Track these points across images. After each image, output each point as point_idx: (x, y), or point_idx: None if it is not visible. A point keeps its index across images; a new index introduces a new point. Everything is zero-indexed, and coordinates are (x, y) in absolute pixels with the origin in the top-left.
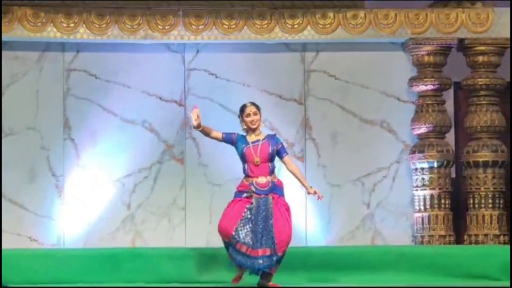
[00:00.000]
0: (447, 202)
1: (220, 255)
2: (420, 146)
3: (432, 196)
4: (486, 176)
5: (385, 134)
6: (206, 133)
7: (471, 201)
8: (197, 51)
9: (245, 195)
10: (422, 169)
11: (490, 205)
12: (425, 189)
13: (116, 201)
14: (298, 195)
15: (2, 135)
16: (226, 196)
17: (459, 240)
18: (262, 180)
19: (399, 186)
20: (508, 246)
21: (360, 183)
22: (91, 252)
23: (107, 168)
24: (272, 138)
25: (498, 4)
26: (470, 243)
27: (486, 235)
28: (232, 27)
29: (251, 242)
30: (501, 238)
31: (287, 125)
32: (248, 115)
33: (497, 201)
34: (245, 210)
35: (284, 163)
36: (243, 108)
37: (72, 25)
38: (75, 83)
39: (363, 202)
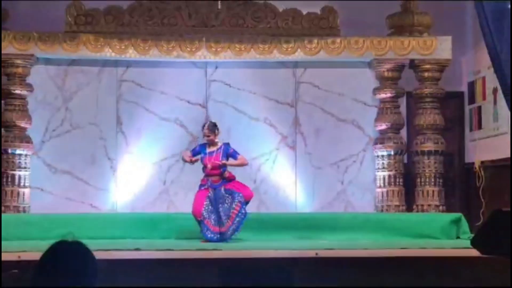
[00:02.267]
0: (400, 180)
1: None
2: (381, 139)
3: (389, 176)
4: (429, 161)
5: (355, 130)
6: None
7: (419, 180)
8: (216, 67)
9: (204, 187)
10: (382, 156)
11: (432, 183)
12: (385, 171)
13: (155, 178)
14: (290, 176)
15: (70, 128)
16: (236, 175)
17: (409, 209)
18: (215, 178)
19: (365, 169)
20: (446, 214)
21: (336, 166)
22: (136, 216)
23: (148, 154)
24: (225, 148)
25: (439, 34)
26: (417, 211)
27: (429, 205)
28: (242, 49)
29: (213, 221)
30: (440, 207)
31: (282, 122)
32: (204, 134)
33: (437, 180)
34: (206, 197)
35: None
36: (202, 126)
37: (123, 47)
38: (125, 90)
39: (338, 180)
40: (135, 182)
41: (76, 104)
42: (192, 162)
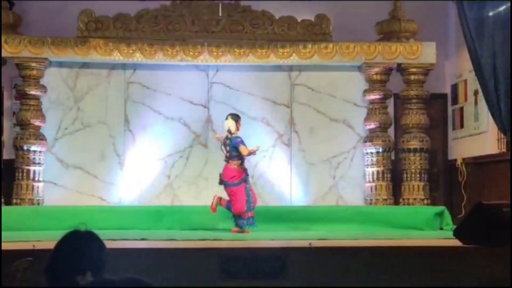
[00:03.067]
0: (388, 176)
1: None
2: (370, 137)
3: (378, 172)
4: (415, 158)
5: (346, 129)
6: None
7: (405, 175)
8: (217, 70)
9: (245, 179)
10: (371, 153)
11: (418, 178)
12: (373, 167)
13: (160, 173)
14: (286, 171)
15: (82, 127)
16: None
17: (396, 202)
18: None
19: (355, 165)
20: (430, 207)
21: (329, 162)
22: (142, 208)
23: (154, 150)
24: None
25: (425, 39)
26: (404, 204)
27: (415, 199)
28: (241, 53)
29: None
30: (425, 201)
31: (279, 122)
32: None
33: (422, 175)
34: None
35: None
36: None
37: (131, 51)
38: (133, 91)
39: (330, 175)
40: (142, 176)
41: (87, 104)
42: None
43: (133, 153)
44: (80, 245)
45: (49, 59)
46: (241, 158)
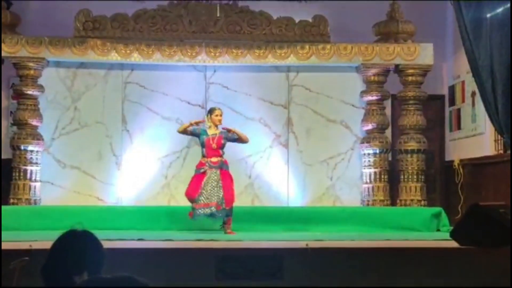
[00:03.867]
0: (385, 177)
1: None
2: (367, 138)
3: (375, 173)
4: (412, 159)
5: (343, 129)
6: (185, 126)
7: (402, 176)
8: (215, 71)
9: (202, 170)
10: (369, 154)
11: (415, 180)
12: (371, 168)
13: (157, 173)
14: (283, 172)
15: (79, 127)
16: (233, 171)
17: (393, 203)
18: (215, 159)
19: (353, 166)
20: (427, 208)
21: (326, 163)
22: (139, 208)
23: (151, 151)
24: (223, 133)
25: (422, 41)
26: (401, 205)
27: (412, 200)
28: (239, 54)
29: (205, 200)
30: (422, 202)
31: (276, 122)
32: (217, 115)
33: (419, 176)
34: (202, 181)
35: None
36: (213, 110)
37: (128, 51)
38: (130, 91)
39: (328, 176)
40: (139, 177)
41: (84, 104)
42: (194, 124)
43: (130, 153)
44: (77, 245)
45: (46, 59)
46: (202, 150)
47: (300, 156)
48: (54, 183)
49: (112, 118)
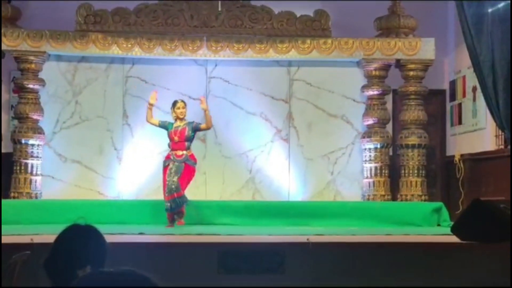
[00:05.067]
0: (386, 172)
1: (229, 206)
2: (368, 133)
3: (376, 167)
4: (413, 154)
5: (344, 124)
6: (149, 115)
7: (403, 171)
8: (216, 65)
9: (166, 164)
10: (370, 149)
11: (415, 174)
12: (371, 163)
13: (158, 167)
14: (284, 166)
15: (80, 121)
16: (234, 166)
17: (394, 198)
18: (179, 152)
19: (354, 160)
20: (428, 203)
21: (327, 158)
22: (140, 203)
23: (152, 145)
24: (188, 124)
25: (424, 35)
26: (401, 200)
27: (412, 195)
28: (240, 48)
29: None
30: (423, 197)
31: (277, 117)
32: (178, 108)
33: (420, 171)
34: (166, 174)
35: (202, 127)
36: (175, 103)
37: (129, 45)
38: (131, 86)
39: (328, 171)
40: (140, 171)
41: (85, 98)
42: (149, 110)
43: (131, 147)
44: (80, 239)
45: (47, 52)
46: (168, 144)
47: (301, 151)
48: (55, 177)
49: (113, 112)
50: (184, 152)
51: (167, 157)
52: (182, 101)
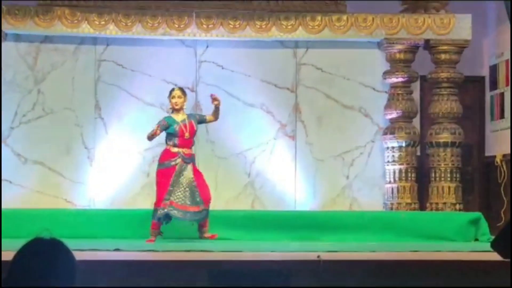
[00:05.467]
0: (413, 175)
1: (223, 216)
2: (391, 129)
3: (400, 170)
4: (445, 154)
5: (362, 118)
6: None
7: (433, 175)
8: (207, 46)
9: (172, 163)
10: (393, 147)
11: (448, 179)
12: (395, 164)
13: (137, 170)
14: (289, 169)
15: (43, 113)
16: (229, 167)
17: (422, 207)
18: (187, 150)
19: (373, 162)
20: (463, 213)
21: (341, 158)
22: (116, 213)
23: (130, 143)
24: (192, 116)
25: (458, 11)
26: (431, 209)
27: (444, 203)
28: (236, 26)
29: (181, 201)
30: (457, 206)
31: (281, 109)
32: (173, 97)
33: (454, 175)
34: (172, 177)
35: (208, 118)
36: (171, 92)
37: (103, 22)
38: (105, 71)
39: (343, 174)
40: (115, 174)
41: (50, 86)
42: (155, 135)
43: (105, 146)
44: (44, 256)
45: (3, 31)
46: (173, 139)
47: (310, 150)
48: (12, 181)
49: (83, 103)
50: (190, 150)
51: (172, 155)
52: (180, 89)
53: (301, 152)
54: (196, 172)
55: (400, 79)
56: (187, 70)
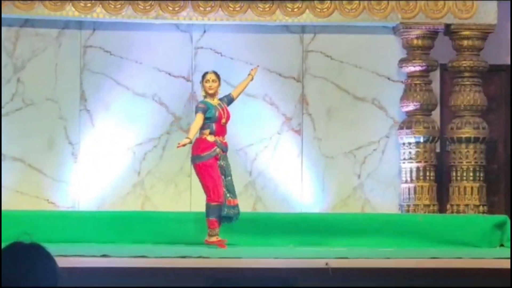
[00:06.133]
0: (431, 174)
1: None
2: (408, 122)
3: (418, 168)
4: (468, 151)
5: (376, 110)
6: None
7: (454, 174)
8: (204, 31)
9: (214, 154)
10: (410, 143)
11: (471, 178)
12: (412, 162)
13: (128, 167)
14: (294, 167)
15: (23, 105)
16: (233, 166)
17: (442, 210)
18: (223, 138)
19: (388, 159)
20: (488, 216)
21: (352, 155)
22: (103, 215)
23: (119, 137)
24: (223, 100)
25: None
26: (452, 212)
27: (467, 205)
28: (236, 9)
29: (229, 194)
30: (481, 208)
31: (285, 100)
32: (207, 81)
33: (477, 174)
34: (219, 169)
35: (235, 94)
36: (204, 75)
37: (89, 5)
38: (91, 58)
39: (355, 173)
40: (103, 172)
41: (30, 75)
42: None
43: (91, 141)
44: (23, 262)
45: None
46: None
47: (318, 146)
48: None
49: (67, 93)
50: (225, 137)
51: (210, 146)
52: (214, 72)
53: (308, 148)
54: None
55: (417, 68)
56: (182, 58)
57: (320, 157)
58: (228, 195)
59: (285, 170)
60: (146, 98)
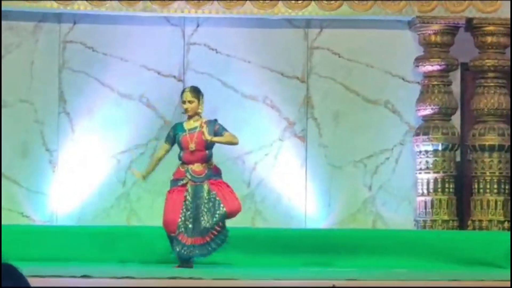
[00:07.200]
0: (451, 186)
1: None
2: (424, 128)
3: (436, 179)
4: (492, 160)
5: (389, 114)
6: (155, 165)
7: (476, 186)
8: (197, 25)
9: (180, 183)
10: (426, 151)
11: (495, 190)
12: (429, 173)
13: (111, 177)
14: (298, 177)
15: None
16: (224, 175)
17: (462, 226)
18: (197, 166)
19: (402, 169)
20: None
21: (362, 165)
22: (84, 230)
23: (102, 144)
24: (209, 124)
25: None
26: (473, 228)
27: (490, 221)
28: (234, 1)
29: (188, 232)
30: (506, 224)
31: (288, 103)
32: (184, 102)
33: (502, 186)
34: (183, 201)
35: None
36: (181, 93)
37: None
38: (71, 55)
39: (365, 184)
40: (84, 182)
41: (3, 74)
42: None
43: (71, 148)
44: None
45: None
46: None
47: (324, 154)
48: None
49: (44, 94)
50: (205, 166)
51: (178, 175)
52: (191, 90)
53: (313, 156)
54: (217, 188)
55: (436, 67)
56: (173, 55)
57: (326, 167)
58: (182, 229)
59: (287, 180)
60: (132, 100)
